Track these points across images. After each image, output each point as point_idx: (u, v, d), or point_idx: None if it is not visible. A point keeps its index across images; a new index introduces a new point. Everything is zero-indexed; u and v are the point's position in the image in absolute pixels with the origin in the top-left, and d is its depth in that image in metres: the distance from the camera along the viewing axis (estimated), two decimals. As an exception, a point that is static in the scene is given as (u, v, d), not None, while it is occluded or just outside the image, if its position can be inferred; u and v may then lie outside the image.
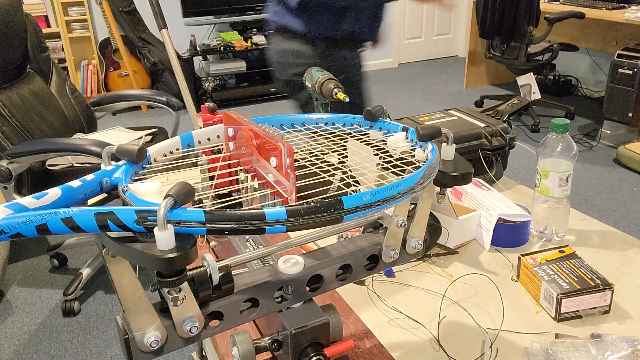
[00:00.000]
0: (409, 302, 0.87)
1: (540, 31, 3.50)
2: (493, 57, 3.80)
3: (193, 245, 0.45)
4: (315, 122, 0.75)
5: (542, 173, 0.99)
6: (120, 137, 2.27)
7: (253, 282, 0.60)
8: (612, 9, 3.43)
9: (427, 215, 0.67)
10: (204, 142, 0.70)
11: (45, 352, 1.92)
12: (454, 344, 0.78)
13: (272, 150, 0.57)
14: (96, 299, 2.19)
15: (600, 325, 0.81)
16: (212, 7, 4.33)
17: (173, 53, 2.32)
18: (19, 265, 2.46)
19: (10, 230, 0.43)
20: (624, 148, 3.16)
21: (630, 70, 3.11)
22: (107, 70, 4.39)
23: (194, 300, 0.54)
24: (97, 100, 2.40)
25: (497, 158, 1.21)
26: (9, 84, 2.12)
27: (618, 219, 2.61)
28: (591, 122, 3.82)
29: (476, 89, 4.69)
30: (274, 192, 0.59)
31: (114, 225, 0.45)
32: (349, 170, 0.67)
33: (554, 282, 0.83)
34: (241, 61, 4.51)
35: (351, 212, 0.49)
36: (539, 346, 0.73)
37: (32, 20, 2.25)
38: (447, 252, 0.99)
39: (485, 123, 1.21)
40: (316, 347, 0.63)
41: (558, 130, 0.96)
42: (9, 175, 1.90)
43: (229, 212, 0.46)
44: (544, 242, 1.02)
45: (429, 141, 0.63)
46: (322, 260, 0.64)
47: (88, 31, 4.32)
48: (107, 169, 0.55)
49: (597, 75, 4.42)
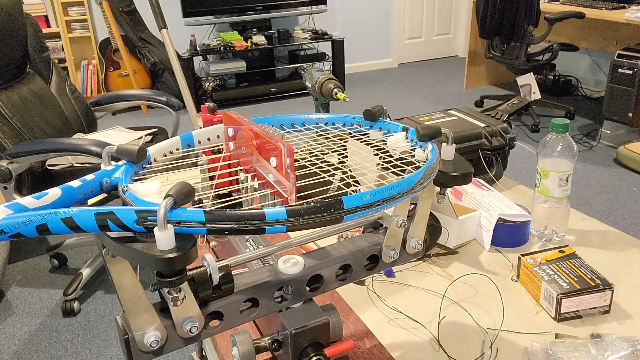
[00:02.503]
0: (409, 302, 0.87)
1: (540, 31, 3.50)
2: (493, 57, 3.80)
3: (193, 245, 0.45)
4: (315, 122, 0.75)
5: (542, 173, 0.99)
6: (120, 137, 2.27)
7: (253, 282, 0.60)
8: (612, 9, 3.43)
9: (427, 215, 0.67)
10: (204, 142, 0.70)
11: (45, 352, 1.92)
12: (454, 344, 0.78)
13: (272, 150, 0.57)
14: (96, 299, 2.19)
15: (600, 325, 0.81)
16: (212, 7, 4.33)
17: (173, 53, 2.32)
18: (19, 265, 2.46)
19: (10, 230, 0.43)
20: (624, 148, 3.16)
21: (630, 70, 3.11)
22: (107, 70, 4.39)
23: (194, 300, 0.54)
24: (97, 100, 2.40)
25: (497, 158, 1.21)
26: (9, 84, 2.12)
27: (618, 219, 2.61)
28: (591, 122, 3.82)
29: (476, 89, 4.69)
30: (274, 192, 0.59)
31: (114, 225, 0.45)
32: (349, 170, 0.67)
33: (554, 282, 0.83)
34: (241, 61, 4.51)
35: (351, 212, 0.49)
36: (539, 346, 0.73)
37: (32, 20, 2.25)
38: (447, 252, 0.99)
39: (485, 123, 1.21)
40: (316, 347, 0.63)
41: (558, 130, 0.96)
42: (9, 175, 1.90)
43: (229, 212, 0.46)
44: (544, 242, 1.02)
45: (429, 141, 0.63)
46: (322, 260, 0.64)
47: (88, 31, 4.32)
48: (107, 169, 0.55)
49: (597, 75, 4.42)
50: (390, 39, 5.51)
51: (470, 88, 4.72)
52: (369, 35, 5.40)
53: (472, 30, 4.45)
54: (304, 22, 5.07)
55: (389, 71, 5.45)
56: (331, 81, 1.18)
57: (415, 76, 5.19)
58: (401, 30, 5.52)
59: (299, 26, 4.95)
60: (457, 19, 5.74)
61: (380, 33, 5.45)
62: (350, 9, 5.22)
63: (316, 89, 1.20)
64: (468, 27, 4.71)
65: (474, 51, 4.57)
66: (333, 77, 1.20)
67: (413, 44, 5.66)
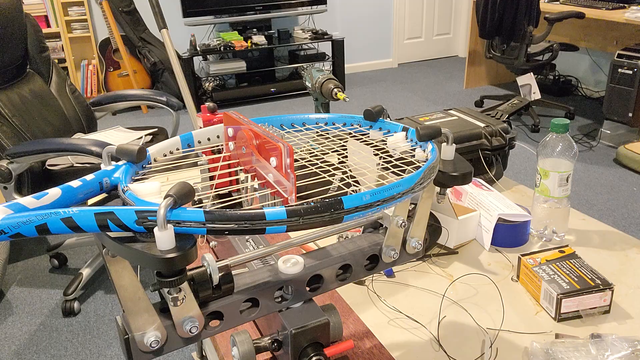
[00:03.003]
0: (409, 302, 0.87)
1: (540, 31, 3.50)
2: (493, 57, 3.81)
3: (193, 245, 0.45)
4: (315, 122, 0.75)
5: (542, 173, 0.99)
6: (120, 137, 2.27)
7: (253, 282, 0.60)
8: (612, 9, 3.43)
9: (427, 215, 0.67)
10: (204, 142, 0.70)
11: (45, 352, 1.92)
12: (454, 344, 0.78)
13: (272, 150, 0.57)
14: (96, 299, 2.19)
15: (600, 325, 0.81)
16: (212, 7, 4.33)
17: (173, 53, 2.32)
18: (19, 265, 2.45)
19: (10, 230, 0.43)
20: (624, 148, 3.16)
21: (630, 70, 3.11)
22: (107, 70, 4.39)
23: (194, 300, 0.54)
24: (97, 100, 2.40)
25: (497, 158, 1.21)
26: (9, 84, 2.12)
27: (618, 219, 2.61)
28: (591, 122, 3.82)
29: (476, 89, 4.69)
30: (274, 192, 0.59)
31: (114, 225, 0.45)
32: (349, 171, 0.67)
33: (554, 282, 0.83)
34: (241, 61, 4.51)
35: (351, 212, 0.49)
36: (539, 346, 0.73)
37: (32, 20, 2.25)
38: (447, 252, 0.99)
39: (485, 123, 1.21)
40: (316, 347, 0.63)
41: (558, 130, 0.96)
42: (9, 175, 1.90)
43: (229, 212, 0.46)
44: (544, 242, 1.02)
45: (429, 141, 0.63)
46: (322, 260, 0.64)
47: (88, 31, 4.32)
48: (107, 169, 0.55)
49: (597, 75, 4.42)
50: (390, 39, 5.51)
51: (470, 88, 4.72)
52: (369, 35, 5.40)
53: (472, 30, 4.45)
54: (304, 22, 5.07)
55: (389, 71, 5.45)
56: (331, 81, 1.18)
57: (415, 76, 5.19)
58: (401, 30, 5.52)
59: (299, 26, 4.95)
60: (457, 19, 5.74)
61: (380, 33, 5.45)
62: (350, 9, 5.22)
63: (316, 89, 1.20)
64: (468, 27, 4.71)
65: (474, 51, 4.57)
66: (333, 77, 1.20)
67: (413, 44, 5.66)
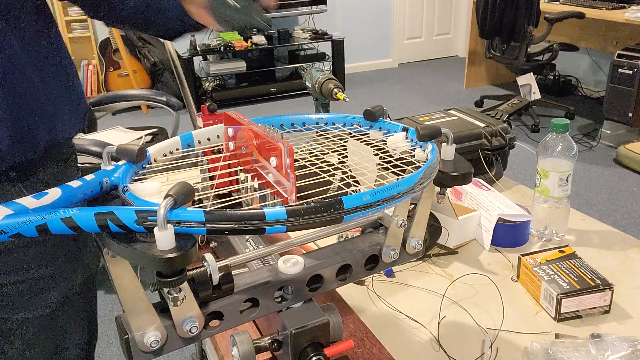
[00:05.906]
0: (409, 302, 0.87)
1: (540, 31, 3.50)
2: (493, 57, 3.80)
3: (193, 245, 0.45)
4: (315, 122, 0.75)
5: (542, 173, 0.99)
6: (120, 137, 2.27)
7: (253, 282, 0.60)
8: (612, 9, 3.43)
9: (427, 215, 0.67)
10: (204, 142, 0.70)
11: (45, 352, 1.92)
12: (454, 344, 0.78)
13: (272, 150, 0.57)
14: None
15: (600, 325, 0.81)
16: (212, 7, 4.32)
17: (173, 53, 2.32)
18: (19, 265, 2.45)
19: (10, 230, 0.43)
20: (624, 148, 3.16)
21: (630, 70, 3.11)
22: (107, 70, 4.39)
23: (194, 300, 0.54)
24: (97, 100, 2.40)
25: (497, 158, 1.21)
26: (9, 84, 2.11)
27: (618, 219, 2.61)
28: (591, 122, 3.82)
29: (476, 89, 4.69)
30: (274, 192, 0.59)
31: (114, 225, 0.45)
32: (349, 171, 0.67)
33: (554, 282, 0.83)
34: (241, 61, 4.51)
35: (351, 212, 0.49)
36: (539, 346, 0.73)
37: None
38: (447, 252, 0.99)
39: (485, 123, 1.21)
40: (316, 347, 0.63)
41: (558, 130, 0.96)
42: (9, 175, 1.90)
43: (229, 212, 0.46)
44: (544, 242, 1.02)
45: (429, 141, 0.63)
46: (322, 260, 0.64)
47: (88, 31, 4.32)
48: (107, 169, 0.55)
49: (597, 75, 4.42)
50: (390, 39, 5.51)
51: (470, 88, 4.72)
52: (369, 35, 5.40)
53: (472, 30, 4.45)
54: (304, 22, 5.07)
55: (389, 71, 5.45)
56: (331, 81, 1.18)
57: (415, 76, 5.19)
58: (401, 30, 5.52)
59: (299, 26, 4.95)
60: (457, 19, 5.74)
61: (380, 33, 5.44)
62: (350, 9, 5.22)
63: (316, 89, 1.20)
64: (468, 27, 4.71)
65: (474, 51, 4.57)
66: (333, 77, 1.20)
67: (413, 44, 5.66)
